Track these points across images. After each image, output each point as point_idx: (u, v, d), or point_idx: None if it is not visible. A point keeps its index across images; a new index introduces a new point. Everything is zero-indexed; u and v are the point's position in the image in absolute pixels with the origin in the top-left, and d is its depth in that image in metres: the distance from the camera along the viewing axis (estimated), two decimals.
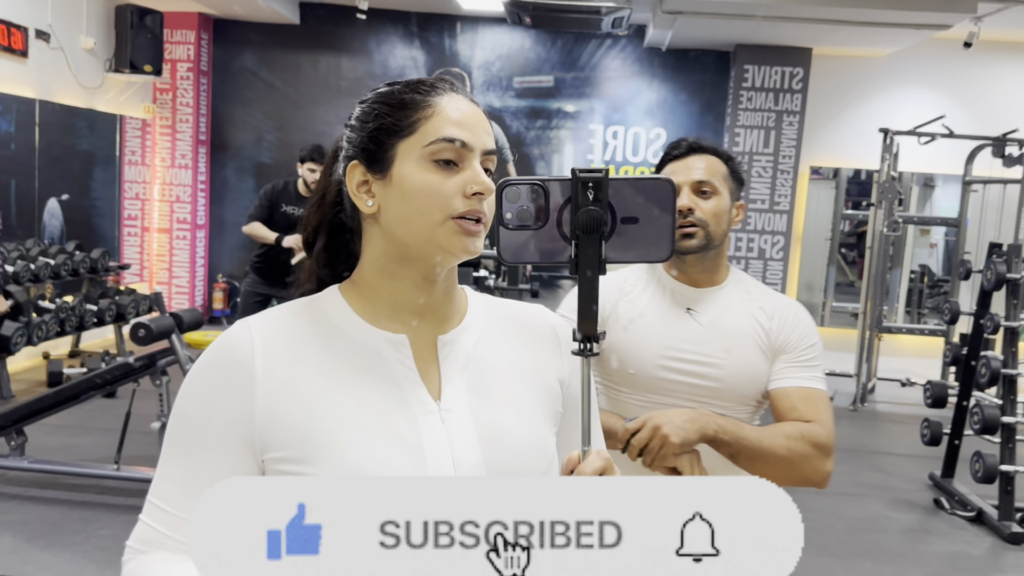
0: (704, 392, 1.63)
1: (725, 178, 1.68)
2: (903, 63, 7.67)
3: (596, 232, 0.78)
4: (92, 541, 3.53)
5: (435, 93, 0.93)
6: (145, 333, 3.78)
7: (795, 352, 1.65)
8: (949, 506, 4.62)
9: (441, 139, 0.91)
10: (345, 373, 0.92)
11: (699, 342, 1.64)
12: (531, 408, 0.99)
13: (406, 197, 0.91)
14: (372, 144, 0.94)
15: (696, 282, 1.70)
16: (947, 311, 5.46)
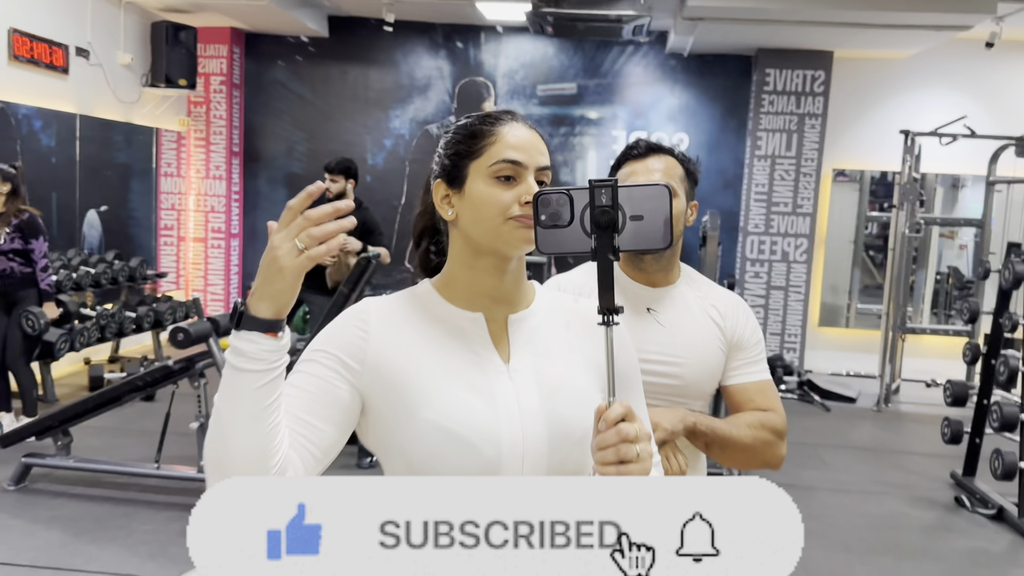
0: (668, 390, 1.69)
1: (682, 179, 1.72)
2: (925, 64, 7.69)
3: (610, 227, 1.02)
4: (135, 536, 3.70)
5: (499, 123, 1.18)
6: (184, 337, 3.95)
7: (747, 349, 1.75)
8: (970, 504, 4.66)
9: (501, 160, 1.15)
10: (434, 342, 1.18)
11: (662, 342, 1.70)
12: (582, 374, 1.22)
13: (476, 206, 1.15)
14: (451, 166, 1.19)
15: (653, 282, 1.74)
16: (966, 311, 5.49)
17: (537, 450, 1.14)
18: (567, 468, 1.17)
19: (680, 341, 1.70)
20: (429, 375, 1.15)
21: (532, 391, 1.17)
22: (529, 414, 1.15)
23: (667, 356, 1.69)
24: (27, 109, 6.23)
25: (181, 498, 4.15)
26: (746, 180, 7.92)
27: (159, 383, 4.20)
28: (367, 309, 1.20)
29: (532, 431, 1.14)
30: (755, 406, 1.74)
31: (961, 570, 3.89)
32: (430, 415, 1.12)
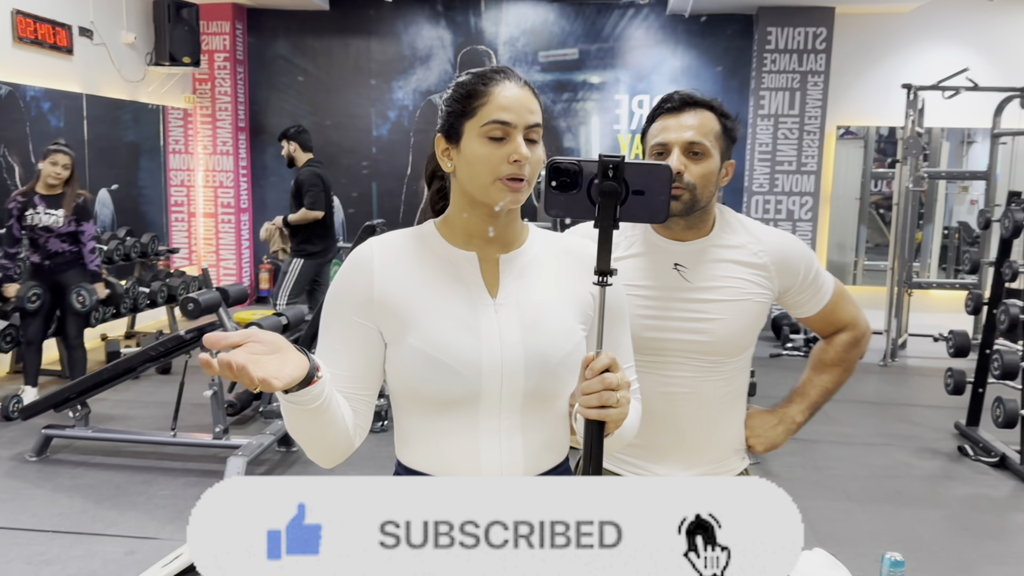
0: (696, 348, 1.64)
1: (718, 137, 1.61)
2: (927, 18, 7.63)
3: (613, 199, 1.13)
4: (154, 501, 3.82)
5: (492, 84, 1.26)
6: (194, 307, 4.04)
7: (802, 284, 1.70)
8: (973, 453, 4.71)
9: (492, 122, 1.24)
10: (432, 276, 1.30)
11: (687, 299, 1.63)
12: (565, 307, 1.33)
13: (469, 163, 1.26)
14: (449, 122, 1.29)
15: (682, 237, 1.67)
16: (967, 261, 5.51)
17: (514, 376, 1.27)
18: (542, 392, 1.30)
19: (709, 297, 1.64)
20: (423, 307, 1.28)
21: (514, 323, 1.29)
22: (509, 344, 1.27)
23: (695, 314, 1.64)
24: (34, 91, 6.30)
25: (198, 464, 4.26)
26: (749, 140, 7.91)
27: (172, 353, 4.30)
28: (371, 250, 1.32)
29: (510, 359, 1.27)
30: (833, 328, 1.84)
31: (961, 515, 3.95)
32: (417, 343, 1.26)
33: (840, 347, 1.83)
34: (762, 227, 1.72)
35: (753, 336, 1.70)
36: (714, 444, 1.73)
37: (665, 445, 1.70)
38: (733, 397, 1.73)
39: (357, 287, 1.30)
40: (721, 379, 1.69)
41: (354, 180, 8.59)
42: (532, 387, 1.28)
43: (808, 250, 1.73)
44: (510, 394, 1.28)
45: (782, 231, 1.75)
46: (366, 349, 1.30)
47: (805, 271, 1.70)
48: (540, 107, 1.28)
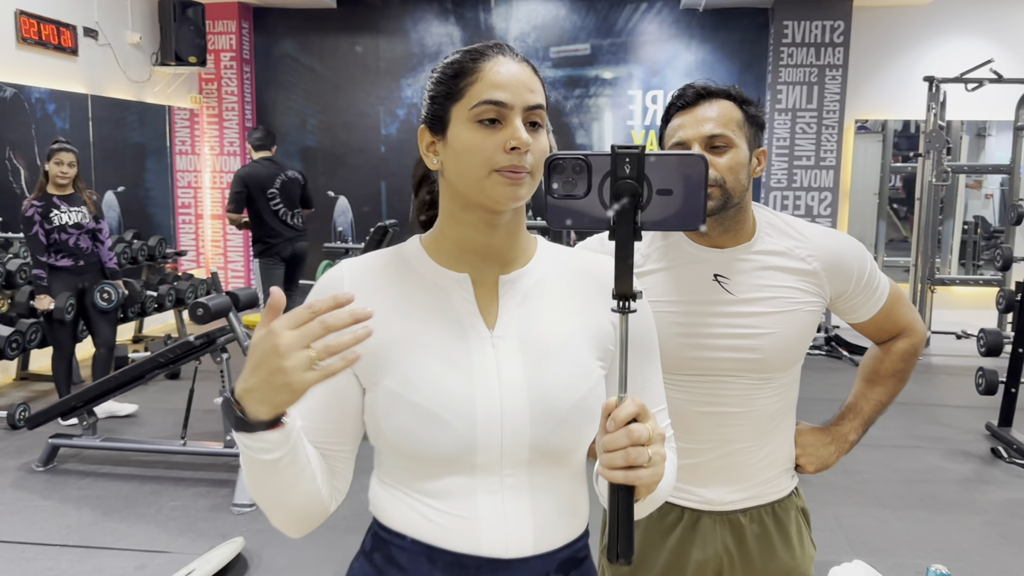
0: (743, 366, 1.51)
1: (740, 126, 1.47)
2: (947, 9, 7.48)
3: (632, 202, 0.88)
4: (164, 512, 3.70)
5: (483, 59, 1.03)
6: (204, 312, 3.93)
7: (855, 289, 1.56)
8: (1007, 455, 4.57)
9: (483, 101, 1.00)
10: (415, 305, 1.07)
11: (734, 314, 1.49)
12: (579, 339, 1.09)
13: (458, 155, 1.02)
14: (433, 110, 1.06)
15: (720, 244, 1.52)
16: (999, 258, 5.36)
17: (517, 426, 1.03)
18: (553, 446, 1.05)
19: (756, 310, 1.50)
20: (403, 342, 1.04)
21: (516, 360, 1.05)
22: (509, 386, 1.04)
23: (741, 329, 1.49)
24: (39, 92, 6.20)
25: (208, 473, 4.15)
26: (767, 135, 7.78)
27: (181, 359, 4.18)
28: (341, 276, 1.09)
29: (512, 405, 1.03)
30: (888, 334, 1.68)
31: (1000, 522, 3.81)
32: (395, 386, 1.03)
33: (897, 357, 1.67)
34: (810, 227, 1.57)
35: (804, 348, 1.55)
36: (765, 464, 1.59)
37: (713, 467, 1.56)
38: (784, 413, 1.60)
39: None
40: (772, 395, 1.55)
41: (364, 179, 8.48)
42: (540, 440, 1.04)
43: (862, 250, 1.57)
44: (513, 448, 1.03)
45: (832, 230, 1.59)
46: (341, 396, 1.06)
47: (859, 274, 1.54)
48: (542, 87, 1.06)
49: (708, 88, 1.49)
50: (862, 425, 1.68)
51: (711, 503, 1.57)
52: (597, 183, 0.90)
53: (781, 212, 1.60)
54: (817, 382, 5.48)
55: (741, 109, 1.48)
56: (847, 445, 1.66)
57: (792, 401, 1.62)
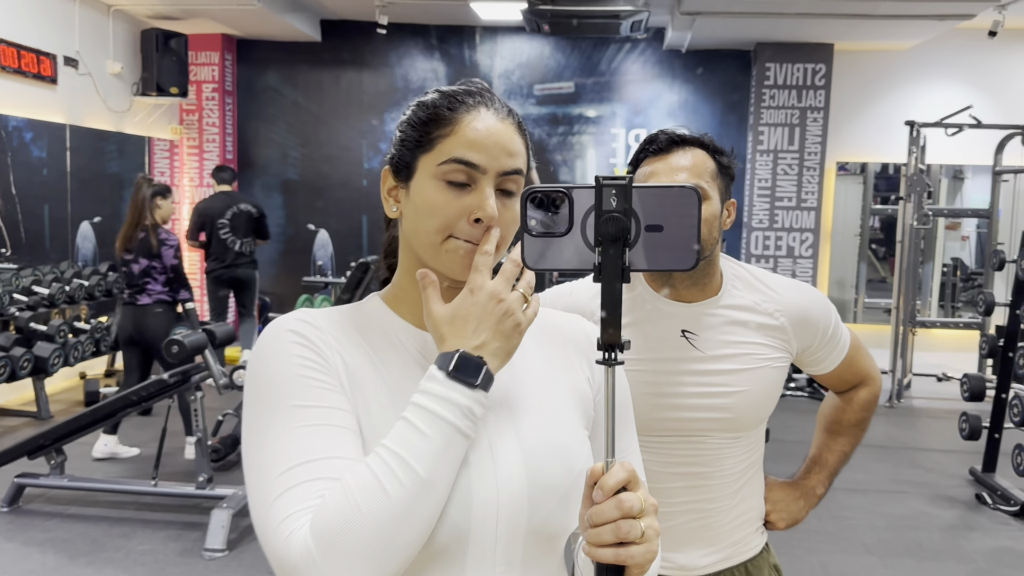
0: (714, 425, 1.46)
1: (714, 176, 1.42)
2: (927, 55, 7.59)
3: (620, 239, 0.78)
4: (132, 556, 3.57)
5: (461, 109, 0.92)
6: (179, 349, 3.83)
7: (820, 342, 1.54)
8: (991, 501, 4.54)
9: (453, 160, 0.90)
10: (388, 370, 0.93)
11: (700, 371, 1.45)
12: (565, 410, 0.99)
13: (417, 211, 0.92)
14: (401, 153, 0.95)
15: (687, 298, 1.47)
16: (982, 303, 5.38)
17: (515, 510, 0.89)
18: (550, 528, 0.93)
19: (725, 367, 1.45)
20: (385, 417, 0.88)
21: (508, 435, 0.92)
22: (505, 465, 0.90)
23: (711, 388, 1.45)
24: (17, 120, 6.10)
25: (180, 515, 4.02)
26: (748, 175, 7.81)
27: (154, 397, 4.07)
28: (309, 320, 0.93)
29: (508, 487, 0.89)
30: (848, 384, 1.67)
31: (987, 570, 3.77)
32: None
33: (859, 407, 1.68)
34: (776, 279, 1.54)
35: (773, 404, 1.51)
36: (739, 523, 1.55)
37: (685, 530, 1.51)
38: (754, 469, 1.58)
39: (322, 348, 0.90)
40: (743, 452, 1.52)
41: (345, 213, 8.42)
42: (538, 523, 0.91)
43: (828, 304, 1.55)
44: (508, 535, 0.89)
45: (799, 283, 1.56)
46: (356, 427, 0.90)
47: (824, 328, 1.53)
48: (527, 147, 0.94)
49: (682, 135, 1.43)
50: (828, 477, 1.68)
51: (684, 568, 1.52)
52: (580, 218, 0.81)
53: (747, 263, 1.59)
54: (800, 423, 5.43)
55: (714, 159, 1.43)
56: (815, 499, 1.66)
57: (760, 457, 1.59)
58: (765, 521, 1.62)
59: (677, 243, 0.81)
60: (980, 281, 7.76)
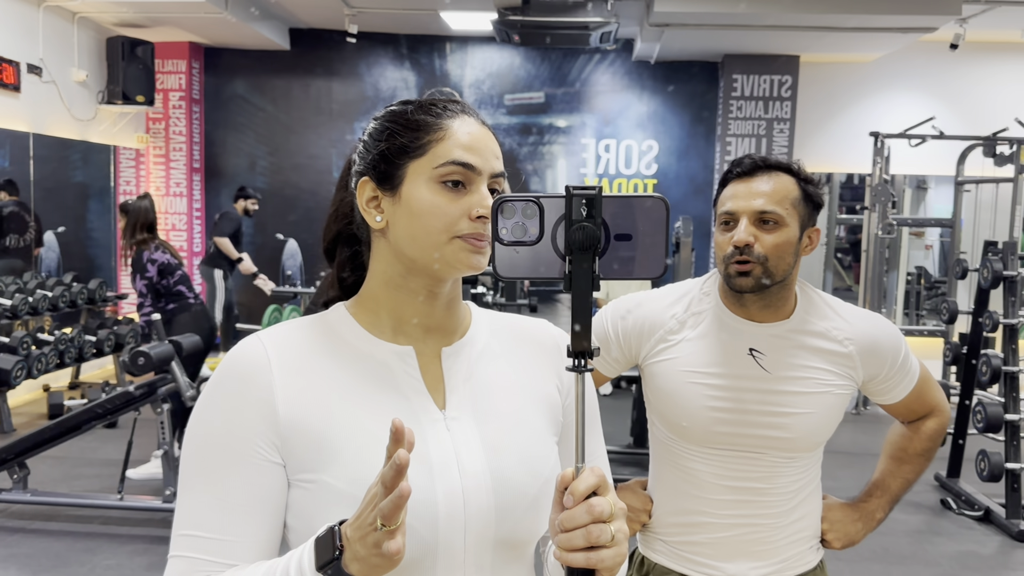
0: (771, 443, 1.49)
1: (795, 204, 1.44)
2: (891, 67, 7.72)
3: (590, 248, 0.79)
4: (97, 572, 3.51)
5: (447, 115, 0.95)
6: (145, 361, 3.78)
7: (888, 372, 1.56)
8: (956, 506, 4.60)
9: (450, 162, 0.93)
10: (355, 385, 0.94)
11: (766, 390, 1.48)
12: (534, 417, 1.00)
13: (414, 216, 0.93)
14: (383, 162, 0.96)
15: (758, 318, 1.50)
16: (945, 311, 5.47)
17: (482, 519, 0.92)
18: (518, 537, 0.95)
19: (789, 389, 1.48)
20: (348, 429, 0.91)
21: (475, 445, 0.94)
22: (472, 475, 0.92)
23: (771, 406, 1.48)
24: None
25: (146, 530, 3.96)
26: (716, 186, 7.87)
27: (120, 410, 4.01)
28: (264, 350, 0.93)
29: (476, 496, 0.92)
30: (916, 416, 1.66)
31: (953, 574, 3.82)
32: (340, 483, 0.89)
33: (927, 437, 1.67)
34: (848, 308, 1.57)
35: (832, 430, 1.54)
36: (790, 541, 1.56)
37: (736, 543, 1.53)
38: (808, 490, 1.58)
39: (251, 406, 0.90)
40: (796, 473, 1.54)
41: (314, 223, 8.37)
42: (506, 532, 0.93)
43: (898, 334, 1.57)
44: (477, 545, 0.92)
45: (871, 313, 1.58)
46: (276, 500, 0.91)
47: (892, 359, 1.55)
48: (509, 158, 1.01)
49: (767, 160, 1.46)
50: (889, 503, 1.67)
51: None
52: (550, 228, 0.81)
53: (822, 291, 1.60)
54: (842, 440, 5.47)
55: (800, 186, 1.46)
56: (874, 523, 1.65)
57: (816, 478, 1.60)
58: (822, 539, 1.62)
59: (645, 252, 0.82)
60: (944, 289, 7.89)
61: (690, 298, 1.56)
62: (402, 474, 0.74)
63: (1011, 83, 7.70)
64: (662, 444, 1.60)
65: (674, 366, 1.53)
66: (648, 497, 1.64)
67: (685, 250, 5.50)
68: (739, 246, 1.44)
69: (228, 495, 0.89)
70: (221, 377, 0.93)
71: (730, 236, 1.47)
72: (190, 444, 0.92)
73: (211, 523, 0.89)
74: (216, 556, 0.89)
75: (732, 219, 1.47)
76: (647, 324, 1.56)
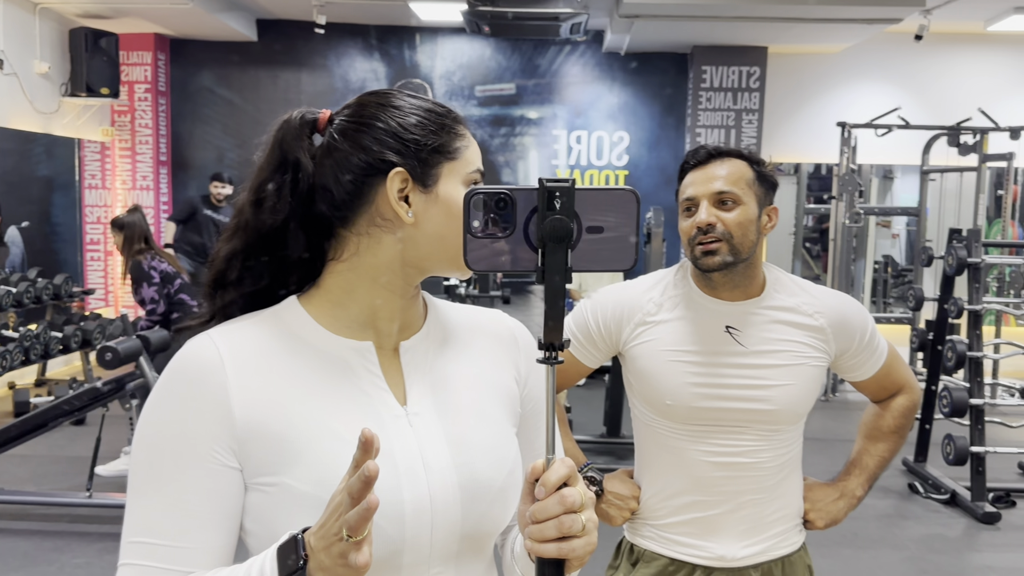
0: (754, 417, 1.55)
1: (750, 184, 1.53)
2: (857, 58, 7.80)
3: (563, 241, 0.79)
4: (66, 571, 3.47)
5: (465, 126, 0.99)
6: (112, 357, 3.73)
7: (858, 347, 1.62)
8: (923, 490, 4.68)
9: (477, 170, 0.97)
10: (313, 383, 0.92)
11: (743, 365, 1.54)
12: (494, 409, 1.00)
13: (450, 215, 0.93)
14: (423, 157, 0.94)
15: (730, 298, 1.57)
16: (912, 298, 5.55)
17: (448, 515, 0.91)
18: (483, 530, 0.95)
19: (766, 362, 1.54)
20: (309, 429, 0.89)
21: (439, 440, 0.94)
22: (436, 470, 0.92)
23: (752, 380, 1.54)
24: None
25: (115, 527, 3.90)
26: None
27: (87, 407, 3.96)
28: (216, 350, 0.90)
29: (441, 492, 0.91)
30: (887, 392, 1.72)
31: (920, 557, 3.89)
32: (304, 485, 0.87)
33: (898, 414, 1.72)
34: (815, 287, 1.64)
35: (812, 402, 1.59)
36: (777, 518, 1.61)
37: (721, 520, 1.58)
38: (791, 466, 1.63)
39: (205, 409, 0.87)
40: (780, 447, 1.59)
41: None
42: (472, 526, 0.93)
43: (864, 311, 1.65)
44: (443, 541, 0.91)
45: (837, 291, 1.66)
46: (232, 505, 0.88)
47: (861, 334, 1.62)
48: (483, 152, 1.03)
49: (720, 148, 1.56)
50: (868, 480, 1.72)
51: (722, 559, 1.58)
52: (522, 220, 0.81)
53: (790, 274, 1.66)
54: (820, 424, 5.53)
55: (752, 168, 1.55)
56: (855, 501, 1.70)
57: (798, 455, 1.65)
58: (804, 520, 1.66)
59: (617, 244, 0.82)
60: (910, 277, 8.00)
61: (665, 283, 1.63)
62: (370, 486, 0.72)
63: (974, 73, 7.81)
64: (646, 427, 1.63)
65: (654, 347, 1.57)
66: (636, 485, 1.67)
67: (656, 240, 5.53)
68: (702, 227, 1.52)
69: (182, 501, 0.87)
70: (170, 379, 0.90)
71: (693, 220, 1.54)
72: (140, 449, 0.89)
73: (164, 529, 0.86)
74: (170, 564, 0.86)
75: (693, 204, 1.55)
76: (626, 309, 1.61)
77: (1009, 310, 5.06)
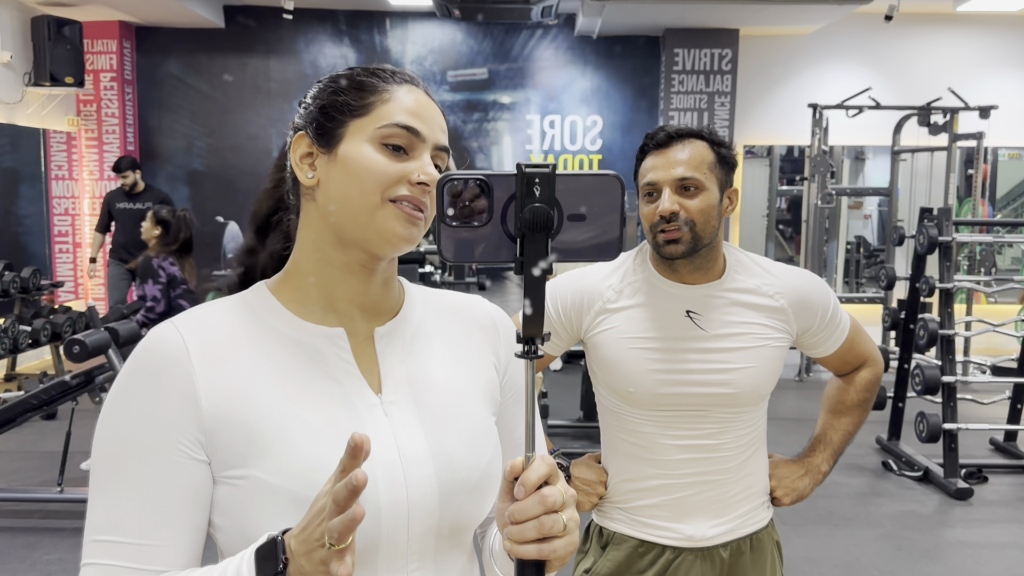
0: (716, 400, 1.54)
1: (712, 168, 1.50)
2: (828, 39, 7.83)
3: (543, 230, 0.75)
4: (38, 567, 3.42)
5: (394, 80, 0.92)
6: (80, 349, 3.66)
7: (820, 325, 1.61)
8: (897, 467, 4.73)
9: (394, 124, 0.88)
10: (284, 372, 0.88)
11: (704, 349, 1.53)
12: (473, 398, 0.97)
13: (349, 174, 0.87)
14: (322, 118, 0.91)
15: (691, 281, 1.56)
16: (884, 277, 5.59)
17: (425, 507, 0.88)
18: (461, 522, 0.92)
19: (727, 345, 1.53)
20: (280, 420, 0.85)
21: (415, 429, 0.90)
22: (413, 461, 0.88)
23: (714, 364, 1.53)
24: None
25: None
26: None
27: (56, 400, 3.90)
28: (182, 339, 0.86)
29: (418, 484, 0.88)
30: (851, 367, 1.72)
31: (894, 534, 3.93)
32: (274, 478, 0.83)
33: (862, 387, 1.73)
34: (776, 265, 1.63)
35: (774, 382, 1.59)
36: (744, 496, 1.61)
37: (691, 502, 1.58)
38: (756, 445, 1.63)
39: (171, 401, 0.83)
40: (744, 428, 1.59)
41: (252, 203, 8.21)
42: (449, 518, 0.90)
43: (826, 288, 1.64)
44: (421, 533, 0.88)
45: (798, 269, 1.63)
46: (201, 500, 0.85)
47: (823, 311, 1.61)
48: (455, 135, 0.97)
49: (680, 130, 1.52)
50: (832, 455, 1.72)
51: (692, 539, 1.58)
52: (500, 208, 0.76)
53: (750, 252, 1.65)
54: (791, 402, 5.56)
55: (713, 150, 1.52)
56: (820, 476, 1.70)
57: (762, 434, 1.65)
58: (771, 497, 1.67)
59: (600, 232, 0.78)
60: (882, 257, 8.07)
61: (624, 269, 1.61)
62: (356, 495, 0.69)
63: (944, 54, 7.86)
64: (611, 413, 1.63)
65: (615, 334, 1.56)
66: (603, 470, 1.67)
67: (631, 225, 5.54)
68: (665, 215, 1.49)
69: (148, 497, 0.83)
70: (134, 370, 0.86)
71: (655, 207, 1.51)
72: (103, 444, 0.85)
73: (130, 527, 0.83)
74: (137, 562, 0.83)
75: (655, 190, 1.52)
76: (586, 297, 1.59)
77: (980, 288, 5.11)
